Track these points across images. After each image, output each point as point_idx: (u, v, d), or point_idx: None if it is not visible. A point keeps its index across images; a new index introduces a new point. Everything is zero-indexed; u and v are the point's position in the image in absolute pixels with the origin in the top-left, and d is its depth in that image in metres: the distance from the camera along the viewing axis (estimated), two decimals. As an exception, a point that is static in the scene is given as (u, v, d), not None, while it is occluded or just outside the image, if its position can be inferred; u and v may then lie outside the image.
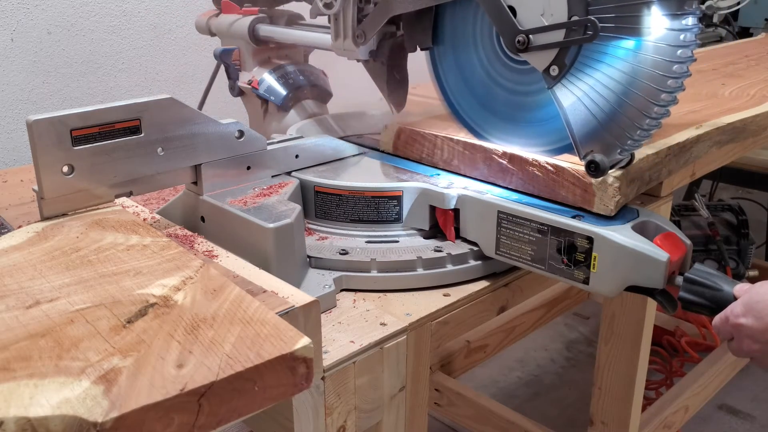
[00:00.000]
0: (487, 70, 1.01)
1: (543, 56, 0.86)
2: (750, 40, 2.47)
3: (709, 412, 2.18)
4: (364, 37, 1.07)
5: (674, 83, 0.80)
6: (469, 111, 1.05)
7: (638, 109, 0.82)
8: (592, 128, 0.85)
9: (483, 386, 2.32)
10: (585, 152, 0.86)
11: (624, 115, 0.82)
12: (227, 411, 0.51)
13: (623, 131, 0.83)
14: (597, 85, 0.83)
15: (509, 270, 0.98)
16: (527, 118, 0.98)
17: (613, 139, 0.84)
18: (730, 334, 0.78)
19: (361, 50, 1.09)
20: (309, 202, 1.01)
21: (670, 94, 0.81)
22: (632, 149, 0.87)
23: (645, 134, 0.84)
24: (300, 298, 0.67)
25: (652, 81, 0.80)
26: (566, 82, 0.85)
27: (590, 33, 0.81)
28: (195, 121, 0.87)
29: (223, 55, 1.35)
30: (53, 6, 1.58)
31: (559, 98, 0.86)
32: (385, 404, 0.83)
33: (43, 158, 0.76)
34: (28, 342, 0.54)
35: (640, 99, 0.81)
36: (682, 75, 0.81)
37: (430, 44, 1.05)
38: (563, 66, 0.85)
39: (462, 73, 1.04)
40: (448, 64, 1.06)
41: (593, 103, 0.84)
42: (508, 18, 0.88)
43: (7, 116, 1.57)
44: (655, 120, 0.83)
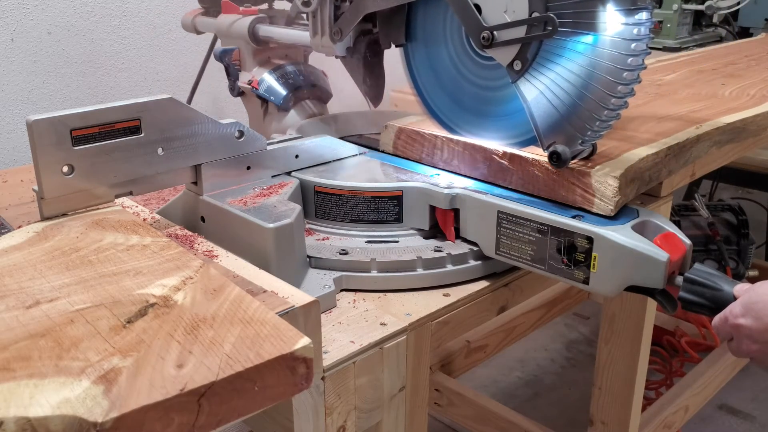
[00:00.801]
0: (456, 66, 1.04)
1: (506, 52, 0.90)
2: (750, 40, 2.47)
3: (709, 412, 2.18)
4: (340, 34, 1.11)
5: (630, 75, 0.83)
6: (441, 106, 1.08)
7: (597, 102, 0.85)
8: (554, 120, 0.89)
9: (483, 386, 2.32)
10: (548, 143, 0.90)
11: (583, 108, 0.86)
12: (227, 411, 0.51)
13: (583, 123, 0.87)
14: (558, 79, 0.87)
15: (509, 270, 0.98)
16: (495, 112, 1.01)
17: (573, 130, 0.88)
18: (729, 334, 0.78)
19: (338, 47, 1.14)
20: (309, 202, 1.01)
21: (626, 86, 0.84)
22: (592, 140, 0.90)
23: (604, 125, 0.87)
24: (300, 298, 0.67)
25: (609, 74, 0.83)
26: (529, 77, 0.89)
27: (549, 29, 0.85)
28: (195, 121, 0.87)
29: (223, 55, 1.35)
30: (53, 6, 1.58)
31: (523, 92, 0.90)
32: (385, 404, 0.83)
33: (43, 158, 0.76)
34: (28, 342, 0.54)
35: (598, 92, 0.84)
36: (637, 68, 0.84)
37: (403, 41, 1.09)
38: (526, 61, 0.89)
39: (433, 69, 1.08)
40: (421, 60, 1.09)
41: (555, 96, 0.88)
42: (474, 15, 0.92)
43: (7, 116, 1.57)
44: (613, 111, 0.86)
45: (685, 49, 2.40)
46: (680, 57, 1.98)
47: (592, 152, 0.94)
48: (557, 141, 0.89)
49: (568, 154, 0.87)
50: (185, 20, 1.55)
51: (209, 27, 1.53)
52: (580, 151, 0.91)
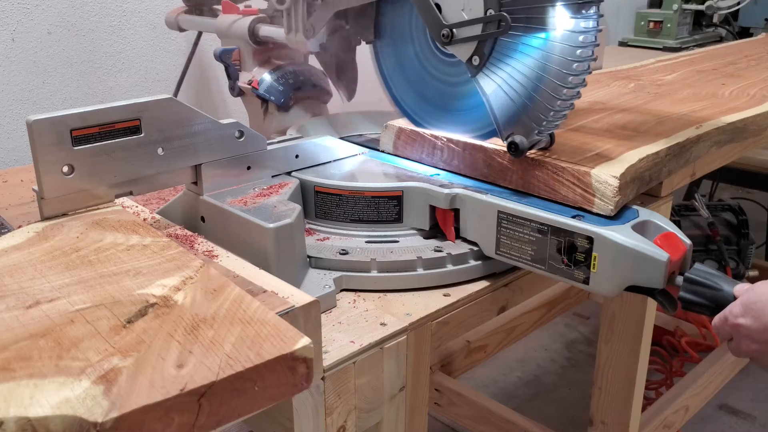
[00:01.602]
0: (422, 62, 1.08)
1: (465, 48, 0.95)
2: (750, 40, 2.47)
3: (709, 412, 2.18)
4: (313, 30, 1.16)
5: (576, 79, 0.88)
6: (408, 101, 1.11)
7: (550, 94, 0.89)
8: (511, 113, 0.93)
9: (483, 386, 2.32)
10: (506, 134, 0.95)
11: (538, 100, 0.90)
12: (227, 411, 0.51)
13: (537, 114, 0.91)
14: (514, 73, 0.92)
15: (509, 270, 0.98)
16: (458, 107, 1.05)
17: (530, 122, 0.92)
18: (729, 334, 0.78)
19: (312, 43, 1.19)
20: (309, 202, 1.01)
21: (577, 77, 0.88)
22: (548, 130, 0.94)
23: (557, 116, 0.92)
24: (300, 298, 0.67)
25: (556, 77, 0.88)
26: (487, 71, 0.94)
27: (502, 27, 0.90)
28: (195, 121, 0.87)
29: (223, 55, 1.35)
30: (53, 6, 1.58)
31: (482, 86, 0.95)
32: (385, 404, 0.83)
33: (43, 158, 0.76)
34: (28, 342, 0.54)
35: (551, 83, 0.89)
36: (583, 72, 0.89)
37: (372, 38, 1.13)
38: (483, 56, 0.94)
39: (401, 65, 1.11)
40: (389, 57, 1.13)
41: (512, 89, 0.92)
42: (435, 14, 0.96)
43: (7, 116, 1.57)
44: (565, 101, 0.90)
45: (685, 49, 2.40)
46: (680, 57, 1.98)
47: (551, 143, 0.98)
48: (515, 132, 0.93)
49: (526, 144, 0.93)
50: (169, 18, 1.59)
51: (192, 25, 1.57)
52: (537, 141, 0.96)
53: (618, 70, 1.73)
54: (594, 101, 1.33)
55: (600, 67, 1.76)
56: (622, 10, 2.99)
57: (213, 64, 1.79)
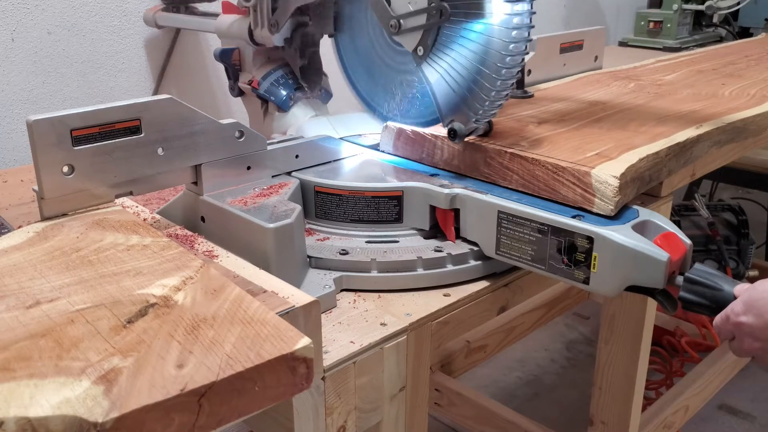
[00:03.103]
0: (377, 52, 1.14)
1: (411, 38, 1.01)
2: (750, 40, 2.47)
3: (709, 412, 2.18)
4: (277, 26, 1.21)
5: (512, 60, 0.93)
6: (366, 90, 1.18)
7: (485, 84, 0.95)
8: (451, 100, 1.00)
9: (483, 386, 2.32)
10: (447, 121, 1.01)
11: (475, 89, 0.96)
12: (227, 411, 0.51)
13: (474, 103, 0.97)
14: (454, 63, 0.98)
15: (509, 270, 0.98)
16: (409, 95, 1.10)
17: (467, 109, 0.98)
18: (731, 333, 0.78)
19: (276, 38, 1.24)
20: (309, 202, 1.01)
21: (509, 70, 0.93)
22: (485, 118, 1.00)
23: (492, 105, 0.97)
24: (300, 298, 0.67)
25: (495, 59, 0.93)
26: (430, 61, 1.00)
27: (443, 16, 0.96)
28: (195, 121, 0.87)
29: (223, 55, 1.35)
30: (53, 6, 1.58)
31: (426, 75, 1.01)
32: (385, 404, 0.83)
33: (43, 158, 0.76)
34: (28, 342, 0.54)
35: (485, 74, 0.95)
36: (519, 53, 0.93)
37: (333, 31, 1.21)
38: (427, 47, 1.00)
39: (359, 56, 1.18)
40: (348, 48, 1.19)
41: (452, 78, 0.99)
42: (383, 5, 1.03)
43: (7, 116, 1.57)
44: (499, 92, 0.95)
45: (685, 49, 2.40)
46: (680, 57, 1.98)
47: (489, 130, 1.04)
48: (455, 119, 1.00)
49: (464, 131, 0.99)
50: (147, 15, 1.64)
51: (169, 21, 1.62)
52: (475, 128, 1.02)
53: (618, 70, 1.73)
54: (594, 101, 1.33)
55: (600, 67, 1.76)
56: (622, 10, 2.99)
57: (213, 64, 1.79)
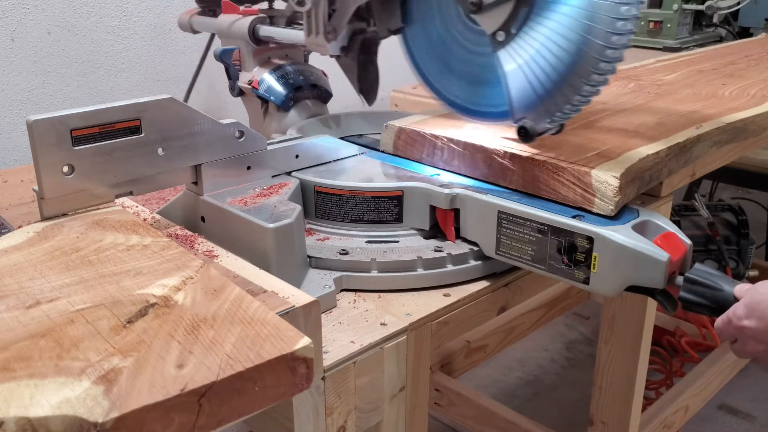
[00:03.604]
0: (453, 36, 1.06)
1: (494, 18, 0.92)
2: (750, 40, 2.47)
3: (709, 412, 2.18)
4: (334, 33, 1.12)
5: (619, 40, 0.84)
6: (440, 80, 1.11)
7: (571, 86, 0.88)
8: (528, 96, 0.91)
9: (483, 386, 2.32)
10: (518, 117, 0.93)
11: (557, 90, 0.89)
12: (227, 411, 0.51)
13: (555, 104, 0.90)
14: (538, 57, 0.89)
15: (509, 270, 0.98)
16: (488, 79, 1.03)
17: (545, 109, 0.91)
18: (733, 336, 0.78)
19: (332, 46, 1.15)
20: (309, 202, 1.01)
21: (615, 51, 0.86)
22: (561, 121, 0.94)
23: (574, 109, 0.91)
24: (300, 298, 0.67)
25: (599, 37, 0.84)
26: (510, 49, 0.92)
27: None
28: (195, 121, 0.87)
29: (223, 55, 1.35)
30: (53, 6, 1.58)
31: (502, 63, 0.93)
32: (385, 404, 0.83)
33: (43, 158, 0.76)
34: (28, 342, 0.54)
35: (574, 77, 0.87)
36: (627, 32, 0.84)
37: (400, 24, 1.11)
38: (509, 33, 0.91)
39: (431, 46, 1.10)
40: (419, 41, 1.11)
41: (532, 73, 0.90)
42: None
43: (7, 116, 1.57)
44: (584, 97, 0.89)
45: (685, 49, 2.40)
46: (680, 57, 1.98)
47: (559, 130, 0.98)
48: (528, 116, 0.92)
49: (536, 131, 0.92)
50: (182, 20, 1.55)
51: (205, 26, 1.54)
52: (548, 129, 0.95)
53: (618, 70, 1.73)
54: (594, 101, 1.33)
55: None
56: (622, 10, 2.98)
57: (213, 64, 1.79)
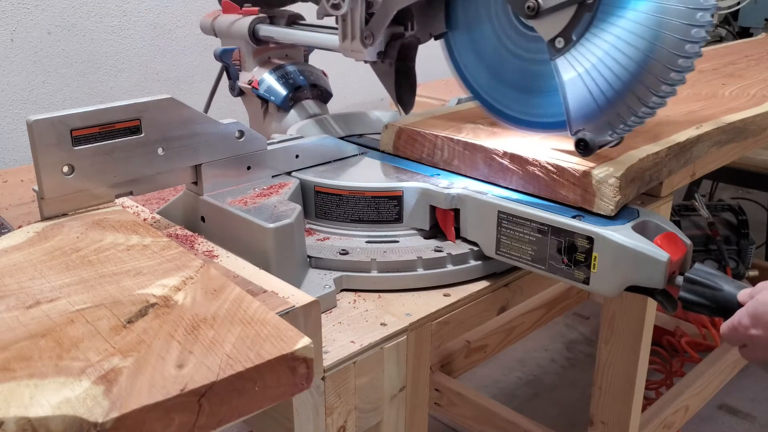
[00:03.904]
0: (503, 43, 1.02)
1: (552, 23, 0.87)
2: (750, 40, 2.47)
3: (709, 412, 2.18)
4: (372, 38, 1.07)
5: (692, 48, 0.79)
6: (487, 88, 1.07)
7: (637, 96, 0.83)
8: (587, 106, 0.87)
9: (483, 386, 2.32)
10: (576, 129, 0.88)
11: (621, 100, 0.84)
12: (227, 411, 0.51)
13: (618, 115, 0.85)
14: (600, 66, 0.84)
15: (509, 270, 0.98)
16: (542, 87, 0.98)
17: (606, 121, 0.86)
18: (741, 342, 0.77)
19: (369, 51, 1.09)
20: (309, 202, 1.01)
21: (686, 60, 0.81)
22: (623, 133, 0.88)
23: (638, 121, 0.85)
24: (300, 298, 0.67)
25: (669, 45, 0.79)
26: (569, 57, 0.86)
27: None
28: (195, 121, 0.87)
29: (223, 55, 1.35)
30: (53, 6, 1.58)
31: (560, 71, 0.88)
32: (385, 404, 0.83)
33: (43, 158, 0.76)
34: (28, 342, 0.54)
35: (640, 87, 0.82)
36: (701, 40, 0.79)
37: (444, 29, 1.06)
38: (569, 40, 0.86)
39: (478, 52, 1.06)
40: (464, 46, 1.07)
41: (593, 82, 0.85)
42: None
43: (7, 116, 1.57)
44: (651, 109, 0.84)
45: (685, 49, 2.40)
46: (680, 57, 1.97)
47: (618, 142, 0.92)
48: (586, 128, 0.87)
49: (596, 144, 0.85)
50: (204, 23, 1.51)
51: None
52: (608, 142, 0.89)
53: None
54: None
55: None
56: (622, 10, 2.98)
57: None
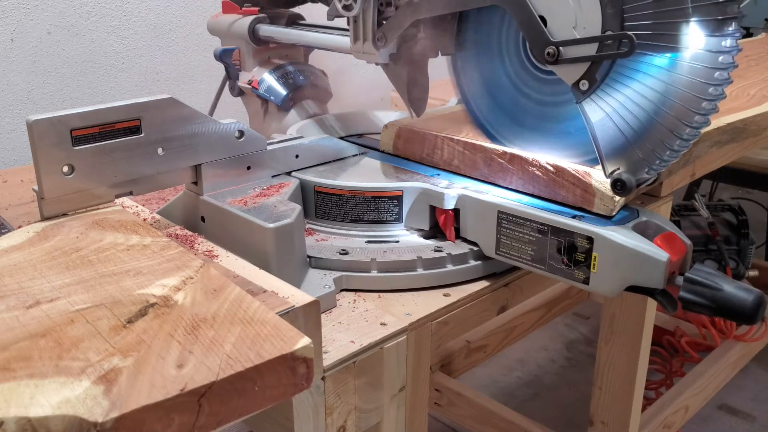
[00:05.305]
0: (512, 79, 1.00)
1: (573, 70, 0.85)
2: (750, 40, 2.47)
3: (709, 412, 2.18)
4: (384, 39, 1.05)
5: (715, 91, 0.78)
6: (492, 120, 1.04)
7: (670, 129, 0.80)
8: (620, 145, 0.84)
9: (483, 386, 2.32)
10: (611, 169, 0.85)
11: (654, 135, 0.81)
12: (227, 411, 0.51)
13: (652, 151, 0.82)
14: (628, 103, 0.82)
15: (509, 270, 0.98)
16: (555, 130, 0.96)
17: (641, 158, 0.83)
18: None
19: (381, 53, 1.07)
20: (309, 202, 1.01)
21: (703, 116, 0.79)
22: (660, 169, 0.85)
23: (674, 155, 0.82)
24: (300, 298, 0.67)
25: (686, 100, 0.78)
26: (596, 98, 0.84)
27: (626, 48, 0.78)
28: (195, 121, 0.87)
29: (223, 55, 1.35)
30: (53, 6, 1.58)
31: (588, 114, 0.85)
32: (385, 404, 0.83)
33: (43, 158, 0.76)
34: (28, 342, 0.54)
35: (671, 119, 0.80)
36: (724, 82, 0.78)
37: (452, 50, 1.04)
38: (594, 81, 0.84)
39: (485, 81, 1.03)
40: (471, 71, 1.04)
41: (623, 120, 0.82)
42: (539, 28, 0.86)
43: (7, 116, 1.57)
44: (686, 141, 0.81)
45: (685, 49, 2.40)
46: (680, 57, 1.97)
47: (656, 180, 0.89)
48: (621, 167, 0.84)
49: (633, 183, 0.82)
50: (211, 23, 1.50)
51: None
52: (645, 180, 0.85)
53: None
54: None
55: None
56: (622, 10, 2.98)
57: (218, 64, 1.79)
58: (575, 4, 0.83)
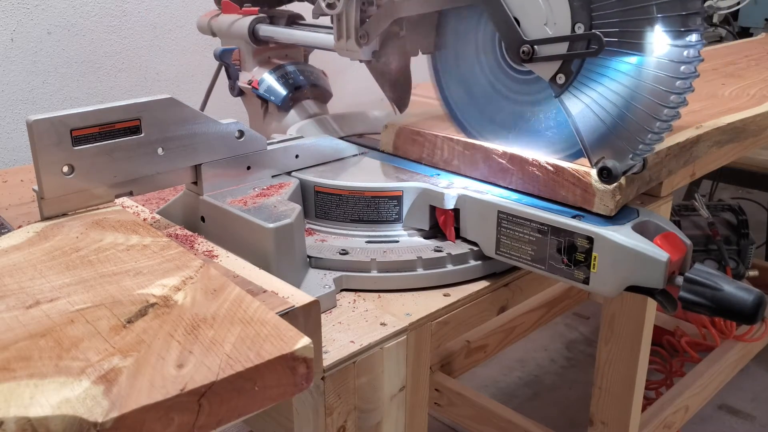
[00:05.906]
0: (489, 79, 1.02)
1: (547, 66, 0.87)
2: (750, 40, 2.47)
3: (709, 412, 2.18)
4: (367, 37, 1.07)
5: (677, 99, 0.81)
6: (471, 120, 1.06)
7: (648, 113, 0.82)
8: (601, 134, 0.86)
9: (483, 386, 2.32)
10: (596, 159, 0.87)
11: (634, 119, 0.83)
12: (227, 411, 0.51)
13: (633, 136, 0.83)
14: (605, 91, 0.84)
15: (509, 270, 0.98)
16: (534, 128, 0.98)
17: (624, 144, 0.84)
18: None
19: (364, 51, 1.10)
20: (309, 202, 1.01)
21: (672, 109, 0.82)
22: (644, 154, 0.86)
23: (656, 138, 0.84)
24: (300, 298, 0.67)
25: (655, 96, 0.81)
26: (573, 90, 0.86)
27: (594, 47, 0.81)
28: (195, 121, 0.87)
29: (223, 55, 1.35)
30: (53, 6, 1.58)
31: (567, 106, 0.87)
32: (385, 404, 0.83)
33: (43, 158, 0.76)
34: (28, 342, 0.54)
35: (649, 102, 0.81)
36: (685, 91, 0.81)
37: (432, 50, 1.06)
38: (570, 73, 0.86)
39: (464, 80, 1.05)
40: (450, 70, 1.06)
41: (602, 109, 0.84)
42: (514, 28, 0.88)
43: (7, 116, 1.57)
44: (666, 122, 0.83)
45: (685, 49, 2.40)
46: (680, 57, 1.97)
47: (643, 167, 0.90)
48: (606, 156, 0.86)
49: (619, 169, 0.84)
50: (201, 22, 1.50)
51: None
52: (632, 166, 0.87)
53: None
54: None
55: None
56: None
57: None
58: (545, 3, 0.86)
